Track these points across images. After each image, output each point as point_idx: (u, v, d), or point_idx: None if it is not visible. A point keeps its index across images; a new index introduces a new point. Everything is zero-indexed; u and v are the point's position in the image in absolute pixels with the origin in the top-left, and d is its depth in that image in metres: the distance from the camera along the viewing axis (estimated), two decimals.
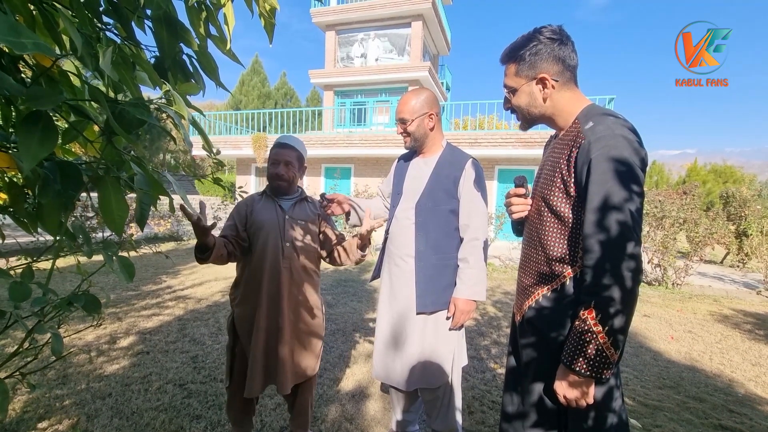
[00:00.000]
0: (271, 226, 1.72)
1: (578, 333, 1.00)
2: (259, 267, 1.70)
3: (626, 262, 0.96)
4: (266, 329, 1.69)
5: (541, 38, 1.13)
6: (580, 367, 0.99)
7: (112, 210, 0.73)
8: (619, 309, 0.95)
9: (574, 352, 1.00)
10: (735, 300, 5.80)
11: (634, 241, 0.97)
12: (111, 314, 3.85)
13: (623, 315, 0.96)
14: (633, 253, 0.96)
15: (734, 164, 30.17)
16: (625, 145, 0.99)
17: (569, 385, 1.03)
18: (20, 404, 2.22)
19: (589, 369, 0.98)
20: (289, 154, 1.75)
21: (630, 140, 1.00)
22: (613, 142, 0.99)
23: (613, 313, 0.95)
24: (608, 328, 0.96)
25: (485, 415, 2.34)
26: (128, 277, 0.76)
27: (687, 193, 7.77)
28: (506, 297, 5.28)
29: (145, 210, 0.76)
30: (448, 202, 1.74)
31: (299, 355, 1.76)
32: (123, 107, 0.67)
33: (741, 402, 2.69)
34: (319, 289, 1.90)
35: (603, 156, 0.99)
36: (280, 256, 1.70)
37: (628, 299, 0.96)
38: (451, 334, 1.75)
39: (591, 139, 1.03)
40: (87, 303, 0.76)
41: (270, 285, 1.70)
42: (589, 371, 0.98)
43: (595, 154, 1.00)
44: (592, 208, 1.00)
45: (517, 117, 1.27)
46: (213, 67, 1.02)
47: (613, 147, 0.99)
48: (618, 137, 1.00)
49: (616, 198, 0.97)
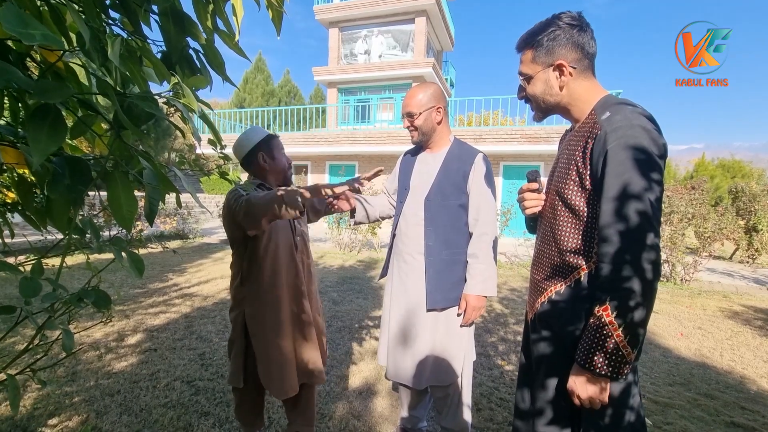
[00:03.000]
0: (283, 220, 1.67)
1: (594, 329, 0.98)
2: (275, 262, 1.64)
3: (646, 253, 0.92)
4: (293, 325, 1.66)
5: (560, 24, 1.10)
6: (597, 366, 0.96)
7: (122, 205, 0.72)
8: (639, 302, 0.92)
9: (590, 349, 0.98)
10: (745, 296, 5.74)
11: (654, 232, 0.93)
12: (119, 312, 3.88)
13: (643, 308, 0.93)
14: (652, 244, 0.93)
15: (742, 159, 29.84)
16: (644, 134, 0.96)
17: (584, 383, 1.00)
18: (31, 401, 2.24)
19: (606, 367, 0.95)
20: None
21: (648, 129, 0.97)
22: (631, 132, 0.96)
23: (633, 306, 0.93)
24: (627, 322, 0.93)
25: (493, 412, 2.33)
26: (138, 273, 0.75)
27: (695, 188, 7.68)
28: (513, 294, 5.25)
29: (154, 205, 0.75)
30: (458, 197, 1.72)
31: (319, 349, 1.78)
32: (132, 100, 0.66)
33: (753, 399, 2.66)
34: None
35: (620, 145, 0.96)
36: (293, 249, 1.69)
37: (648, 292, 0.93)
38: (463, 330, 1.73)
39: (607, 129, 1.00)
40: (97, 299, 0.75)
41: (289, 280, 1.67)
42: (605, 370, 0.96)
43: (611, 145, 0.97)
44: (609, 197, 0.97)
45: (531, 107, 1.23)
46: (220, 61, 1.00)
47: (631, 136, 0.96)
48: (636, 127, 0.97)
49: (635, 187, 0.93)
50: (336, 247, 8.44)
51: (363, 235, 8.12)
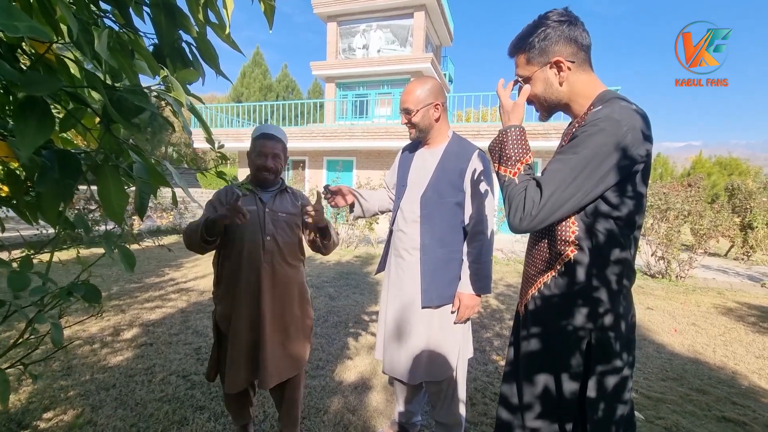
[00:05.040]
0: (251, 220, 1.64)
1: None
2: (237, 263, 1.65)
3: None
4: (247, 326, 1.64)
5: (549, 23, 1.09)
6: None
7: (111, 199, 0.72)
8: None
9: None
10: (739, 293, 5.78)
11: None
12: (114, 306, 3.87)
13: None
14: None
15: (740, 156, 29.96)
16: (618, 128, 0.96)
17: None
18: (25, 395, 2.24)
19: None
20: (276, 146, 1.70)
21: (632, 128, 0.96)
22: (605, 123, 0.97)
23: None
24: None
25: (487, 407, 2.35)
26: (129, 267, 0.75)
27: (692, 185, 7.71)
28: (509, 290, 5.27)
29: (145, 199, 0.75)
30: (454, 195, 1.71)
31: (284, 351, 1.70)
32: (121, 94, 0.66)
33: (744, 394, 2.69)
34: (305, 281, 1.85)
35: (586, 132, 0.99)
36: (260, 251, 1.65)
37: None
38: (457, 327, 1.74)
39: (588, 119, 1.01)
40: (87, 293, 0.75)
41: (249, 281, 1.64)
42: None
43: (579, 132, 0.99)
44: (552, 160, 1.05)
45: (535, 108, 1.23)
46: (212, 54, 1.00)
47: (602, 128, 0.97)
48: (613, 121, 0.97)
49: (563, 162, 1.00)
50: None
51: (360, 231, 8.12)
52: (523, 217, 1.02)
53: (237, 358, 1.64)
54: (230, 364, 1.64)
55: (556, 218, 1.03)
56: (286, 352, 1.70)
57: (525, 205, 1.02)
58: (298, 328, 1.77)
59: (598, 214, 1.04)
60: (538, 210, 1.00)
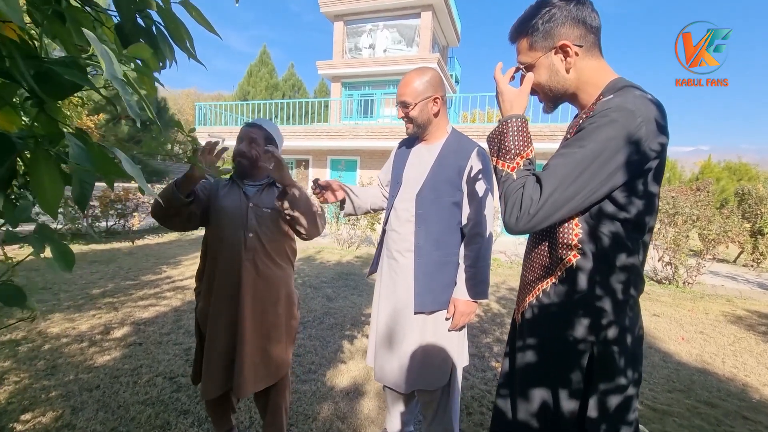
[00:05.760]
0: (233, 214, 1.56)
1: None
2: (216, 259, 1.56)
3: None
4: (225, 327, 1.53)
5: (554, 2, 0.98)
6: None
7: (45, 189, 0.63)
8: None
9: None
10: (749, 300, 5.62)
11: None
12: (107, 304, 3.81)
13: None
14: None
15: (749, 162, 29.55)
16: (632, 119, 0.85)
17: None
18: (6, 395, 2.17)
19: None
20: (255, 132, 1.62)
21: (648, 119, 0.86)
22: (616, 114, 0.86)
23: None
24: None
25: (484, 417, 2.24)
26: (66, 267, 0.66)
27: (700, 189, 7.55)
28: (511, 293, 5.15)
29: (86, 189, 0.65)
30: (452, 194, 1.61)
31: (264, 356, 1.58)
32: (49, 66, 0.57)
33: (756, 408, 2.56)
34: (292, 282, 1.74)
35: (594, 122, 0.88)
36: (241, 247, 1.54)
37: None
38: (452, 334, 1.64)
39: (597, 109, 0.90)
40: (5, 295, 0.66)
41: (227, 279, 1.54)
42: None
43: (586, 123, 0.89)
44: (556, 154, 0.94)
45: (539, 98, 1.11)
46: (181, 34, 0.90)
47: (614, 118, 0.86)
48: (627, 111, 0.86)
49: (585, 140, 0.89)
50: (334, 243, 8.35)
51: (362, 231, 8.02)
52: (520, 217, 0.92)
53: (213, 362, 1.54)
54: (206, 367, 1.54)
55: (557, 219, 0.93)
56: (265, 359, 1.58)
57: (522, 204, 0.92)
58: (281, 333, 1.64)
59: (603, 215, 0.93)
60: (537, 209, 0.90)
